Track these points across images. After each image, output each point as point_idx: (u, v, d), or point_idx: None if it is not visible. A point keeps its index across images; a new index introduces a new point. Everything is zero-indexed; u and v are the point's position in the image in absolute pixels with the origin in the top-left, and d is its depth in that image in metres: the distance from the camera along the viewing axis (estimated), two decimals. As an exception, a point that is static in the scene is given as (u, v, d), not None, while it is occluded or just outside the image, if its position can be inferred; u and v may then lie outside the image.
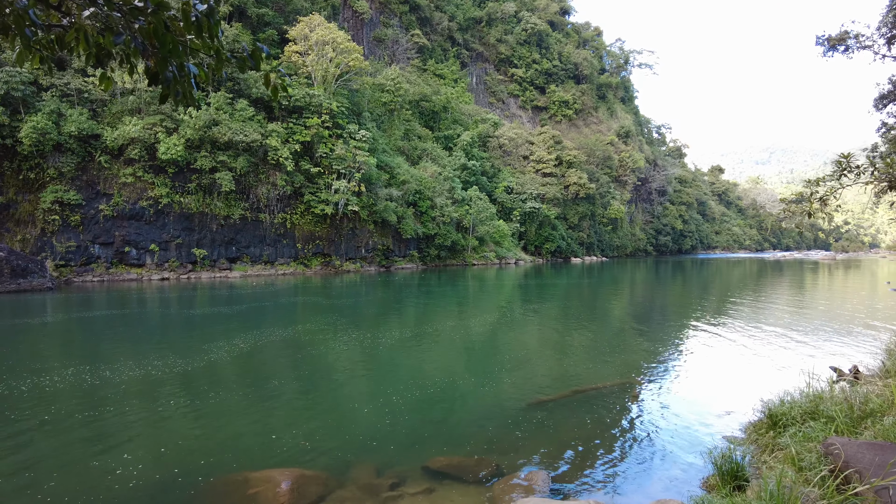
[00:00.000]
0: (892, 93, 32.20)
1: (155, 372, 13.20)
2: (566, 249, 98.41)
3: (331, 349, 16.45)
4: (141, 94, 47.04)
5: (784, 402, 7.63)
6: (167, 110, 47.42)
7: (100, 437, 8.99)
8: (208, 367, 13.81)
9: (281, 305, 28.13)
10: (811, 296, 34.16)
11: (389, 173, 65.38)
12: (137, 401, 11.00)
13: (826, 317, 23.19)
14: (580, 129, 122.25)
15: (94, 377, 12.68)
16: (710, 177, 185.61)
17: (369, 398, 11.29)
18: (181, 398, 11.16)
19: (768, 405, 7.77)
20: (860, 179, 8.56)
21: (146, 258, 48.17)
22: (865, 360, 13.08)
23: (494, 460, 7.73)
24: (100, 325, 21.60)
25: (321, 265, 58.25)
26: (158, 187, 47.55)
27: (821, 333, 18.32)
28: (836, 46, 30.88)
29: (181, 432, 9.26)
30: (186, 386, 12.09)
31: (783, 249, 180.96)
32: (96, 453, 8.24)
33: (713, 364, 14.21)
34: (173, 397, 11.22)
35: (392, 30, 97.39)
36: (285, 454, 8.21)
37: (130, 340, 18.29)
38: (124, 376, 12.80)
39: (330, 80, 60.33)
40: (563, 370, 13.81)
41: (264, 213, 54.06)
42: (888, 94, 32.13)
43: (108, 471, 7.57)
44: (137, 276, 46.68)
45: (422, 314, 25.31)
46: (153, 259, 48.32)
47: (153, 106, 47.33)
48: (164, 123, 46.96)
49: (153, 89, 47.33)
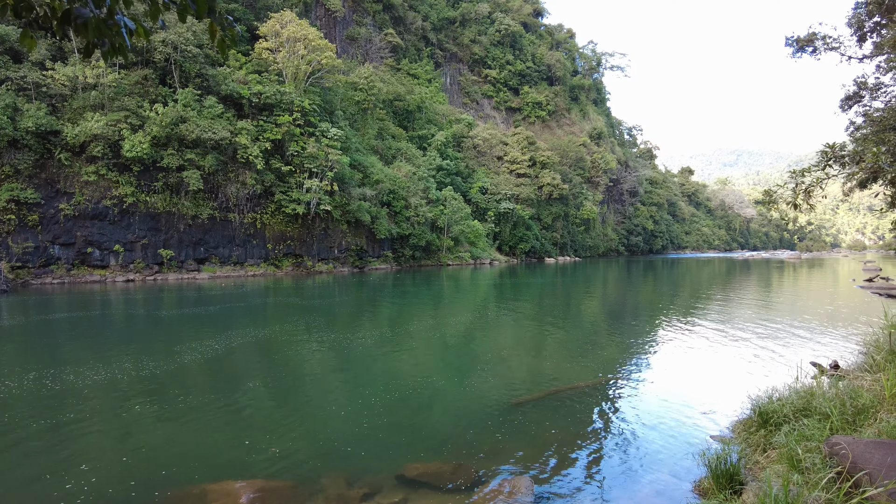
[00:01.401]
0: (857, 94, 32.83)
1: (120, 376, 12.46)
2: (540, 250, 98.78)
3: (304, 352, 15.82)
4: (104, 89, 45.37)
5: (773, 399, 7.35)
6: (132, 106, 45.84)
7: (55, 447, 8.27)
8: (176, 370, 13.09)
9: (252, 307, 27.26)
10: (782, 293, 34.64)
11: (363, 173, 64.55)
12: (99, 407, 10.26)
13: (797, 313, 23.38)
14: (553, 130, 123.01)
15: (55, 382, 11.88)
16: (680, 178, 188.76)
17: (344, 402, 10.75)
18: (146, 404, 10.45)
19: (756, 402, 7.48)
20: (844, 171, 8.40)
21: (110, 259, 46.49)
22: (842, 355, 13.04)
23: (474, 466, 7.27)
24: (60, 328, 20.51)
25: (292, 266, 57.09)
26: (123, 186, 45.94)
27: (794, 330, 18.37)
28: (805, 47, 31.31)
29: (144, 441, 8.59)
30: (152, 391, 11.37)
31: (751, 249, 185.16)
32: (49, 465, 7.54)
33: (690, 362, 14.02)
34: (138, 403, 10.50)
35: (365, 29, 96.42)
36: (253, 463, 7.63)
37: (94, 344, 17.39)
38: (87, 381, 12.02)
39: (301, 78, 59.25)
40: (541, 370, 13.46)
41: (233, 212, 52.73)
42: (853, 95, 32.73)
43: (59, 484, 6.90)
44: (101, 278, 45.00)
45: (397, 315, 24.76)
46: (118, 260, 46.65)
47: (117, 101, 45.68)
48: (128, 120, 45.37)
49: (116, 84, 45.78)
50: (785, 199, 9.49)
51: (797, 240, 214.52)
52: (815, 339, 16.48)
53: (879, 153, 7.99)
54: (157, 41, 47.58)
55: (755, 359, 13.84)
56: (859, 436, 5.31)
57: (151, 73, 48.99)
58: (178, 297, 32.77)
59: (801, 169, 9.13)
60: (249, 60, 58.75)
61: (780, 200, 9.80)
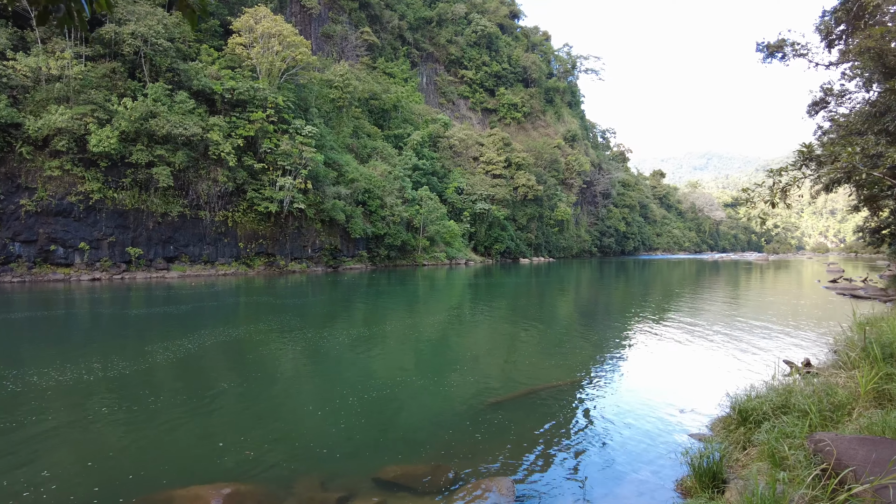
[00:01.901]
0: (823, 100, 33.70)
1: (87, 377, 11.96)
2: (515, 250, 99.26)
3: (278, 352, 15.46)
4: (69, 81, 43.89)
5: (751, 396, 7.36)
6: (99, 100, 44.47)
7: (14, 451, 7.84)
8: (146, 371, 12.64)
9: (223, 307, 26.65)
10: (752, 294, 35.34)
11: (337, 171, 63.86)
12: (64, 409, 9.81)
13: (768, 313, 23.82)
14: (528, 132, 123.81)
15: (15, 383, 11.32)
16: (652, 181, 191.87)
17: (319, 402, 10.50)
18: (114, 405, 10.02)
19: (735, 400, 7.49)
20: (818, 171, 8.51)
21: (75, 257, 44.99)
22: (814, 353, 13.26)
23: (453, 467, 7.10)
24: (22, 327, 19.72)
25: (264, 265, 56.15)
26: (89, 182, 44.50)
27: (766, 329, 18.68)
28: (775, 53, 31.97)
29: (111, 444, 8.21)
30: (121, 392, 10.93)
31: (720, 251, 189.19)
32: (6, 471, 7.13)
33: (666, 360, 14.12)
34: (105, 404, 10.07)
35: (341, 26, 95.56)
36: (225, 466, 7.34)
37: (58, 344, 16.72)
38: (51, 382, 11.50)
39: (275, 74, 58.34)
40: (518, 369, 13.39)
41: (204, 210, 51.59)
42: (820, 101, 33.61)
43: (16, 492, 6.51)
44: (65, 277, 43.53)
45: (372, 315, 24.47)
46: (83, 258, 45.18)
47: (83, 95, 44.26)
48: (95, 114, 43.97)
49: (82, 76, 44.41)
50: (763, 198, 9.62)
51: (764, 242, 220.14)
52: (786, 337, 16.77)
53: (854, 153, 8.12)
54: (126, 33, 46.25)
55: (729, 357, 14.00)
56: (841, 432, 5.31)
57: (120, 66, 47.61)
58: (147, 296, 31.88)
59: (778, 168, 9.26)
60: (222, 55, 57.57)
61: (757, 199, 9.93)
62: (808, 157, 8.47)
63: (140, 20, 47.13)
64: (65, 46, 45.32)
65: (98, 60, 47.42)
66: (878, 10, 26.55)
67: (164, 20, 49.03)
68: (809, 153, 8.40)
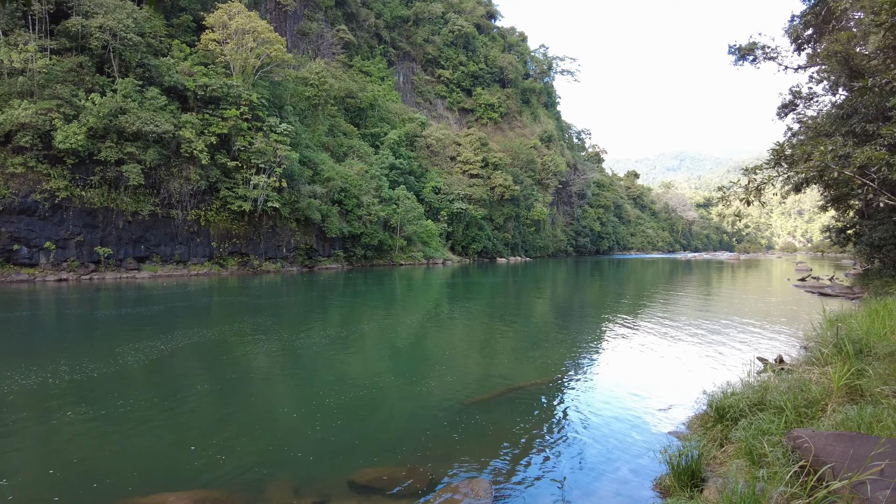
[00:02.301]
0: (792, 103, 34.43)
1: (52, 380, 11.52)
2: (492, 250, 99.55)
3: (252, 353, 15.12)
4: (33, 75, 42.54)
5: (727, 394, 7.39)
6: (65, 95, 43.19)
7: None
8: (114, 374, 12.22)
9: (196, 307, 26.08)
10: (725, 292, 35.94)
11: (313, 169, 63.14)
12: (27, 414, 9.41)
13: (740, 311, 24.22)
14: (505, 132, 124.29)
15: None
16: (626, 181, 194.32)
17: (294, 404, 10.28)
18: (81, 410, 9.65)
19: (712, 398, 7.51)
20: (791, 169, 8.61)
21: (40, 257, 43.61)
22: (786, 350, 13.47)
23: (429, 469, 6.97)
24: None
25: (238, 265, 55.24)
26: (55, 179, 43.18)
27: (738, 326, 18.96)
28: (746, 56, 32.54)
29: (75, 450, 7.87)
30: (87, 395, 10.55)
31: (693, 251, 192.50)
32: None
33: (642, 358, 14.19)
34: (71, 409, 9.68)
35: (317, 24, 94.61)
36: (194, 472, 7.08)
37: (23, 345, 16.15)
38: (14, 386, 11.06)
39: (250, 71, 57.43)
40: (495, 368, 13.32)
41: (176, 209, 50.53)
42: (789, 103, 34.32)
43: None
44: (29, 277, 42.16)
45: (348, 315, 24.19)
46: (49, 258, 43.82)
47: (48, 89, 42.94)
48: (61, 109, 42.69)
49: (47, 70, 43.08)
50: (738, 196, 9.71)
51: (735, 242, 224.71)
52: (759, 334, 17.03)
53: (826, 152, 8.23)
54: (94, 26, 44.98)
55: (705, 354, 14.14)
56: (817, 428, 5.33)
57: (87, 60, 46.29)
58: (117, 296, 31.04)
59: (752, 167, 9.37)
60: (195, 51, 56.41)
61: (732, 197, 10.01)
62: (782, 156, 8.57)
63: (108, 13, 45.88)
64: (28, 39, 43.88)
65: (64, 54, 46.04)
66: (845, 15, 27.22)
67: (134, 14, 47.82)
68: (782, 152, 8.51)
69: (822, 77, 28.91)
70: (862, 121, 16.62)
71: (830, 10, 22.44)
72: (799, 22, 27.86)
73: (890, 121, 13.87)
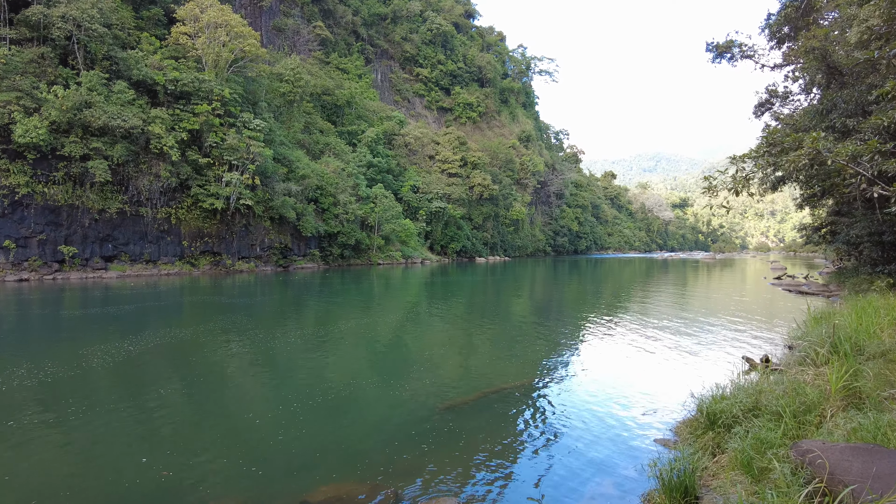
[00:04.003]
0: (768, 101, 34.52)
1: (11, 382, 10.76)
2: (471, 249, 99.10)
3: (222, 355, 14.33)
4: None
5: (717, 397, 6.89)
6: (25, 87, 41.39)
7: None
8: (74, 377, 11.45)
9: (166, 308, 24.99)
10: (703, 291, 35.92)
11: (288, 167, 61.82)
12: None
13: (719, 310, 24.04)
14: (484, 131, 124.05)
15: None
16: (604, 182, 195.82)
17: (260, 411, 9.57)
18: (29, 418, 8.83)
19: (701, 401, 7.01)
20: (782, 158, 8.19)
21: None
22: (770, 350, 13.12)
23: (394, 485, 6.32)
24: None
25: (210, 264, 53.78)
26: (15, 175, 41.37)
27: (718, 325, 18.68)
28: (723, 54, 32.47)
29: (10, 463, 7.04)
30: (40, 401, 9.81)
31: (669, 250, 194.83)
32: None
33: (622, 359, 13.73)
34: (15, 417, 8.82)
35: (293, 20, 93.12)
36: (136, 489, 6.34)
37: None
38: None
39: (222, 66, 55.95)
40: (471, 371, 12.72)
41: (146, 206, 48.92)
42: (765, 102, 34.41)
43: None
44: (-13, 277, 40.36)
45: (323, 316, 23.38)
46: (8, 257, 41.97)
47: (6, 81, 41.08)
48: (21, 102, 40.87)
49: (6, 61, 41.24)
50: (726, 186, 9.29)
51: (710, 242, 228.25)
52: (741, 332, 16.73)
53: (819, 138, 7.83)
54: (56, 16, 43.21)
55: (687, 354, 13.74)
56: (819, 436, 4.83)
57: (50, 51, 44.46)
58: (83, 297, 29.70)
59: (741, 155, 8.96)
60: (165, 45, 54.74)
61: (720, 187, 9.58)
62: (772, 143, 8.18)
63: (72, 2, 44.12)
64: (-13, 29, 41.98)
65: (24, 44, 44.15)
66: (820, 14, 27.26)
67: (100, 4, 46.08)
68: (773, 138, 8.12)
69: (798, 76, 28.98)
70: (842, 116, 16.44)
71: (811, 4, 22.34)
72: (776, 18, 27.83)
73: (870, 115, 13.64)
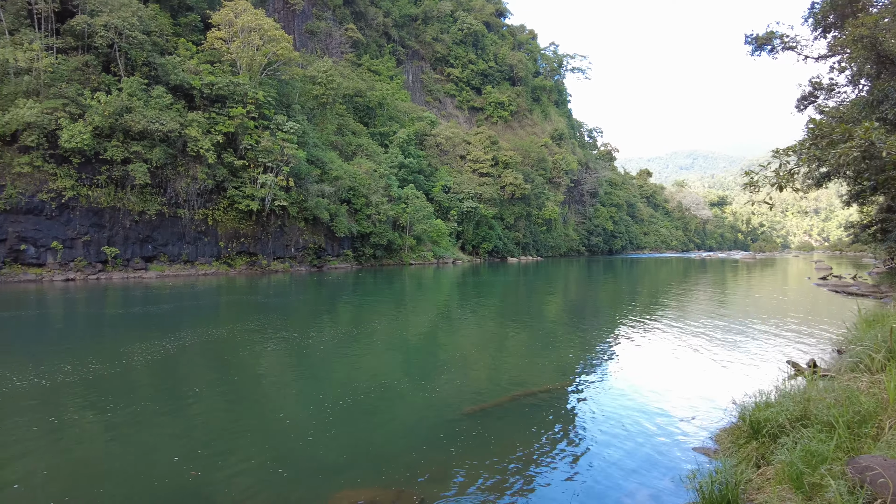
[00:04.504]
0: (812, 94, 33.13)
1: (43, 382, 11.05)
2: (503, 249, 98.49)
3: (257, 354, 14.48)
4: (39, 74, 42.28)
5: (761, 404, 6.49)
6: (71, 94, 42.89)
7: None
8: (115, 375, 11.76)
9: (203, 307, 25.53)
10: (743, 292, 34.76)
11: (321, 168, 62.52)
12: (33, 414, 8.86)
13: (761, 311, 23.14)
14: (515, 130, 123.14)
15: None
16: (639, 180, 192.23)
17: (290, 411, 9.57)
18: (69, 415, 9.09)
19: (743, 408, 6.62)
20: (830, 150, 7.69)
21: (47, 257, 43.37)
22: (817, 354, 12.48)
23: (419, 492, 6.14)
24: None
25: (246, 265, 54.78)
26: (62, 179, 42.92)
27: (761, 327, 17.94)
28: (763, 46, 31.24)
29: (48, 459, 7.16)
30: (81, 398, 10.08)
31: (707, 250, 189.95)
32: None
33: (658, 362, 13.26)
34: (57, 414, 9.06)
35: (325, 23, 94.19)
36: (163, 488, 6.34)
37: (28, 344, 15.79)
38: (21, 384, 10.82)
39: (256, 69, 56.94)
40: (503, 372, 12.46)
41: (183, 208, 50.15)
42: (809, 95, 33.02)
43: None
44: (37, 277, 41.93)
45: (356, 316, 23.44)
46: (56, 258, 43.58)
47: (53, 88, 42.66)
48: (67, 108, 42.39)
49: (53, 69, 42.80)
50: (769, 181, 8.77)
51: (750, 241, 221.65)
52: (784, 336, 16.02)
53: (872, 128, 7.32)
54: (99, 25, 44.67)
55: (727, 358, 13.18)
56: (879, 451, 4.44)
57: (93, 59, 46.01)
58: (125, 296, 30.57)
59: (785, 148, 8.46)
60: (201, 50, 56.05)
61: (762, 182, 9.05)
62: (819, 136, 7.66)
63: (114, 11, 45.53)
64: (34, 38, 43.66)
65: (69, 53, 45.79)
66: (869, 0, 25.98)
67: (139, 12, 47.47)
68: (821, 130, 7.61)
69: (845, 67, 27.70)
70: (894, 107, 15.55)
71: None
72: (821, 6, 26.66)
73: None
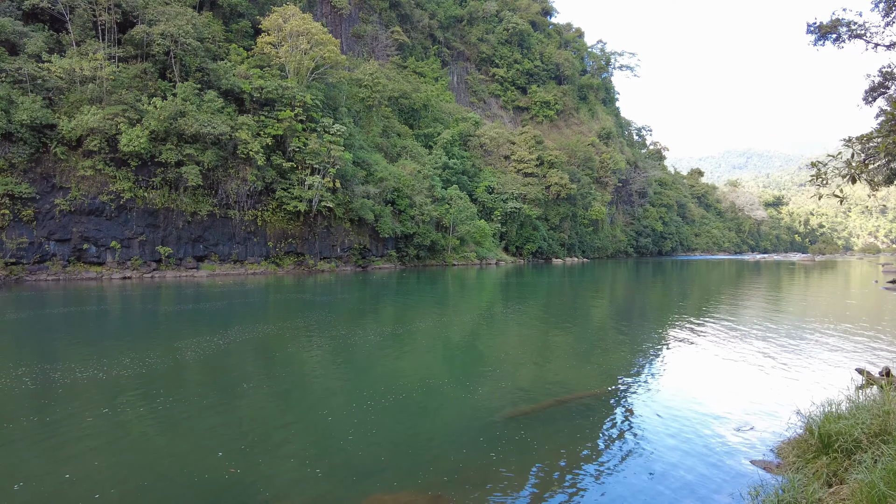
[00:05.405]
0: (882, 84, 31.09)
1: (101, 376, 11.53)
2: (547, 250, 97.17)
3: (303, 352, 14.73)
4: (102, 82, 44.33)
5: (831, 415, 5.93)
6: (130, 100, 44.78)
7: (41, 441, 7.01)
8: (168, 370, 12.21)
9: (253, 304, 26.21)
10: (802, 295, 33.01)
11: (366, 170, 63.20)
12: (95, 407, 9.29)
13: (824, 315, 21.81)
14: (561, 129, 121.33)
15: (34, 381, 11.00)
16: (690, 180, 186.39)
17: (333, 409, 9.57)
18: (123, 407, 9.39)
19: (810, 419, 6.07)
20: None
21: (107, 256, 45.45)
22: (890, 361, 11.55)
23: (455, 497, 5.89)
24: (55, 323, 19.71)
25: (294, 264, 55.88)
26: (120, 181, 44.88)
27: (824, 333, 16.85)
28: (828, 35, 29.52)
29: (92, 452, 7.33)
30: (136, 391, 10.49)
31: (761, 252, 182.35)
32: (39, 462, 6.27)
33: (712, 367, 12.56)
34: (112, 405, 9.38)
35: (371, 26, 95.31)
36: (203, 484, 6.33)
37: (92, 339, 16.65)
38: (86, 376, 11.39)
39: (304, 73, 58.06)
40: (546, 375, 12.07)
41: (234, 209, 51.59)
42: (878, 85, 30.99)
43: None
44: (97, 275, 43.99)
45: (400, 315, 23.47)
46: (114, 257, 45.62)
47: (115, 95, 44.64)
48: (126, 114, 44.28)
49: (114, 77, 44.80)
50: (839, 172, 8.03)
51: (808, 243, 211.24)
52: (850, 342, 14.98)
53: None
54: (157, 33, 46.52)
55: (788, 364, 12.38)
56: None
57: (150, 66, 47.97)
58: (178, 294, 31.65)
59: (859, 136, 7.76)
60: (251, 55, 57.62)
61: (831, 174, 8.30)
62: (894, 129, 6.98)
63: (170, 20, 47.31)
64: (98, 48, 45.83)
65: (129, 61, 47.87)
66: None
67: (194, 20, 49.16)
68: None
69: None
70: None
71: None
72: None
73: None
